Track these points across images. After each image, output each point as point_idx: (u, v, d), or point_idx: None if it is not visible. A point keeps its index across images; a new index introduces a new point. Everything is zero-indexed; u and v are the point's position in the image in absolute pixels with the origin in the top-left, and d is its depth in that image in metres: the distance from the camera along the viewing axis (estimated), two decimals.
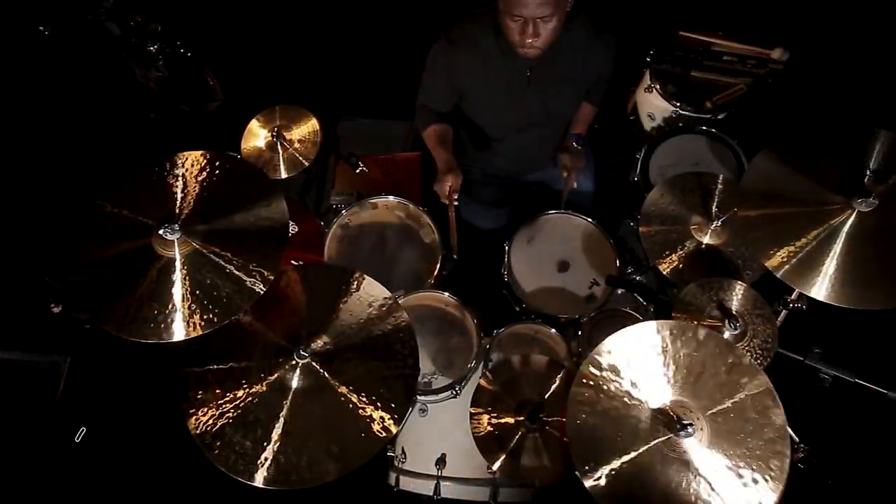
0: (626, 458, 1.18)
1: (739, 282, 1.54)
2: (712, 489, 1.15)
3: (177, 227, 1.26)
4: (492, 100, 1.95)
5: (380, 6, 3.18)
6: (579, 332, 1.85)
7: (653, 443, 1.20)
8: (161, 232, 1.25)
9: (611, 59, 1.94)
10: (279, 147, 2.09)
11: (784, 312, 1.58)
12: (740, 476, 1.16)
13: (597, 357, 1.29)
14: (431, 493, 1.70)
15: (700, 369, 1.26)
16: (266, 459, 1.22)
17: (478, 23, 1.82)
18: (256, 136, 2.13)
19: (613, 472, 1.17)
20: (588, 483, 1.15)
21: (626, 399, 1.24)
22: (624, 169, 2.32)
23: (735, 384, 1.23)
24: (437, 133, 2.06)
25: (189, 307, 1.24)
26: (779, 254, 1.34)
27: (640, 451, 1.19)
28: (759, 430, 1.19)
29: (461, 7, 1.86)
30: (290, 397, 1.29)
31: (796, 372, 1.47)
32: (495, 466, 1.53)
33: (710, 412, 1.21)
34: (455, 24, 1.86)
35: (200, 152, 1.42)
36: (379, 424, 1.26)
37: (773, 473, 1.15)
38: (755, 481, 1.15)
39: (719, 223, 1.68)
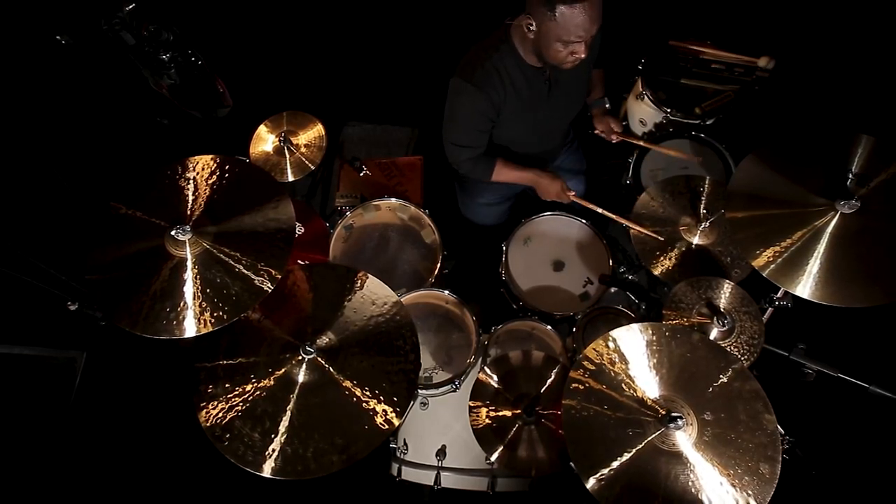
0: (622, 458, 1.20)
1: (727, 280, 1.57)
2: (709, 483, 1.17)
3: (188, 228, 1.30)
4: (518, 115, 1.90)
5: (382, 16, 3.23)
6: (574, 329, 1.89)
7: (648, 439, 1.22)
8: (173, 233, 1.29)
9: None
10: (286, 151, 2.13)
11: (770, 310, 1.62)
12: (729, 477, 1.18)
13: (589, 354, 1.33)
14: (432, 483, 1.74)
15: (692, 370, 1.29)
16: (273, 451, 1.25)
17: (494, 52, 1.75)
18: (264, 140, 2.18)
19: (612, 472, 1.18)
20: (589, 484, 1.17)
21: (617, 395, 1.28)
22: (617, 172, 2.36)
23: (727, 387, 1.26)
24: (504, 163, 2.00)
25: (200, 305, 1.27)
26: (765, 254, 1.38)
27: (637, 447, 1.21)
28: (750, 434, 1.21)
29: (461, 10, 1.85)
30: (296, 391, 1.32)
31: (782, 367, 1.50)
32: (493, 457, 1.58)
33: (700, 413, 1.24)
34: (472, 66, 1.76)
35: (211, 156, 1.47)
36: (382, 417, 1.29)
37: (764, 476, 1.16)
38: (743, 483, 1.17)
39: (707, 224, 1.72)
